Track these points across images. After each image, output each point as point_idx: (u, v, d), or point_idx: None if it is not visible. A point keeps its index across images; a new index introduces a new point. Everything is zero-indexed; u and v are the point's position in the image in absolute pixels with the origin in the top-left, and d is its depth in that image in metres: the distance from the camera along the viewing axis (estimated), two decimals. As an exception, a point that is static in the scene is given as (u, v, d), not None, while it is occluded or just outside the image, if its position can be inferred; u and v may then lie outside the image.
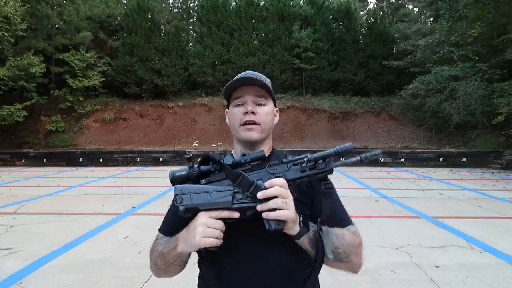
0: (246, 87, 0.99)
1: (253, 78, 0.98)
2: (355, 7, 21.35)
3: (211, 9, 19.14)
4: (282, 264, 0.94)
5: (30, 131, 17.20)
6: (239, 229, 0.90)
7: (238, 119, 1.00)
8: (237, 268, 0.92)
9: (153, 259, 0.98)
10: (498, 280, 3.30)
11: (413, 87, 16.33)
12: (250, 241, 0.93)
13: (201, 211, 0.84)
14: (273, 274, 0.93)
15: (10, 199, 7.16)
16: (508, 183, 9.58)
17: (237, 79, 0.99)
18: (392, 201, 6.85)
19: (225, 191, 0.84)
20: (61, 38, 17.82)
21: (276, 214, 0.79)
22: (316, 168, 0.86)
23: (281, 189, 0.80)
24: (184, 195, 0.84)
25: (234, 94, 1.01)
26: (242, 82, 0.99)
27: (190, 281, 1.27)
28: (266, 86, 0.99)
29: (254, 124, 0.99)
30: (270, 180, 0.82)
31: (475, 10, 14.90)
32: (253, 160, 0.87)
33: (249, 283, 0.92)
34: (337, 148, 0.84)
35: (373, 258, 3.79)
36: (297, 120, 17.95)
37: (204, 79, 18.73)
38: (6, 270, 3.56)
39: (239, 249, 0.93)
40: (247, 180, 0.83)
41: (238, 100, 1.01)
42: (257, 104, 1.00)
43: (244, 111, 0.99)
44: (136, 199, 7.10)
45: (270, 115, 1.02)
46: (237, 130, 1.01)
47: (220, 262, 0.93)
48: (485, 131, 15.28)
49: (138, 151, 15.15)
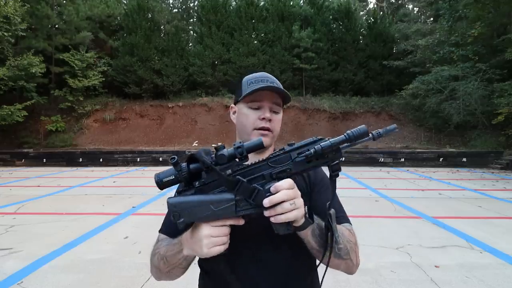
0: (267, 92, 0.99)
1: (277, 87, 0.98)
2: (355, 7, 21.35)
3: (211, 9, 19.13)
4: (284, 264, 0.94)
5: (30, 131, 17.20)
6: (241, 230, 0.90)
7: (252, 122, 0.99)
8: (239, 268, 0.92)
9: (155, 262, 0.95)
10: (498, 280, 3.30)
11: (413, 87, 16.33)
12: (253, 241, 0.93)
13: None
14: (275, 274, 0.93)
15: (10, 199, 7.16)
16: (508, 183, 9.58)
17: (264, 86, 0.97)
18: (392, 201, 6.85)
19: (227, 199, 0.75)
20: (61, 38, 17.81)
21: (285, 217, 0.74)
22: (324, 156, 0.77)
23: (289, 192, 0.74)
24: (181, 211, 0.76)
25: (252, 95, 0.99)
26: (266, 87, 0.98)
27: (190, 281, 1.27)
28: (285, 94, 0.99)
29: (268, 131, 0.99)
30: (276, 185, 0.74)
31: (475, 10, 14.91)
32: (249, 150, 0.78)
33: (251, 283, 0.92)
34: (348, 133, 0.76)
35: (373, 258, 3.79)
36: (297, 120, 17.96)
37: (204, 79, 18.73)
38: (6, 270, 3.56)
39: (241, 249, 0.93)
40: (247, 186, 0.75)
41: (256, 104, 1.00)
42: (272, 111, 1.01)
43: (262, 116, 0.98)
44: (136, 199, 7.10)
45: (281, 122, 1.05)
46: (248, 132, 1.00)
47: (222, 262, 0.93)
48: (485, 131, 15.28)
49: (138, 151, 15.15)
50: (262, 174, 0.78)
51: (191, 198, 0.77)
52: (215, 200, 0.76)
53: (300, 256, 0.96)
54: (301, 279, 0.97)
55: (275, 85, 0.98)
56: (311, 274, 1.02)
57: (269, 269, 0.93)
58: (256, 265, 0.93)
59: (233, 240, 0.87)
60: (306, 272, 0.99)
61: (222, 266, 0.87)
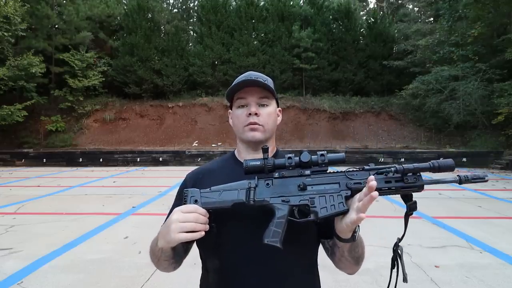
0: (249, 89, 0.99)
1: (255, 79, 0.98)
2: (355, 7, 21.34)
3: (211, 9, 19.14)
4: (286, 263, 0.94)
5: (30, 131, 17.20)
6: (243, 229, 0.92)
7: (242, 120, 1.00)
8: (241, 267, 0.93)
9: (149, 254, 1.00)
10: (498, 280, 3.29)
11: (413, 87, 16.33)
12: (255, 241, 0.93)
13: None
14: (276, 273, 0.94)
15: (10, 199, 7.16)
16: (508, 183, 9.58)
17: (240, 81, 0.99)
18: (392, 201, 6.84)
19: (237, 187, 0.85)
20: (61, 38, 17.82)
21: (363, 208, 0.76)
22: (403, 181, 0.77)
23: (375, 192, 0.74)
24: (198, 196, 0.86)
25: (237, 95, 1.02)
26: (245, 84, 0.99)
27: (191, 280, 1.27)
28: (268, 87, 0.99)
29: (257, 125, 0.99)
30: (370, 177, 0.76)
31: (475, 10, 14.90)
32: (331, 162, 0.84)
33: (253, 282, 0.93)
34: (433, 162, 0.75)
35: (373, 258, 3.78)
36: (297, 120, 17.95)
37: (204, 79, 18.74)
38: (6, 270, 3.56)
39: (243, 249, 0.93)
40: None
41: (242, 101, 1.01)
42: (260, 105, 1.00)
43: (247, 112, 0.99)
44: (136, 199, 7.10)
45: (272, 115, 1.02)
46: (241, 131, 1.01)
47: (224, 261, 0.93)
48: (485, 131, 15.28)
49: (138, 151, 15.16)
50: (338, 183, 0.82)
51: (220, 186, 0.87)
52: (227, 187, 0.84)
53: (302, 256, 0.97)
54: (302, 278, 0.98)
55: (252, 78, 0.99)
56: (313, 273, 1.03)
57: (270, 268, 0.93)
58: (257, 264, 0.93)
59: (236, 239, 0.88)
60: (307, 272, 1.00)
61: (223, 264, 0.87)
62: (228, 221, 0.91)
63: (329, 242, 0.97)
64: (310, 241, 0.98)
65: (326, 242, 0.99)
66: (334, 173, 0.84)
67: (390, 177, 0.77)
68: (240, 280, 0.90)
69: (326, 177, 0.83)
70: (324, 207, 0.80)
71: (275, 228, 0.80)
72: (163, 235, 0.84)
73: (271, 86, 1.01)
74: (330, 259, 1.00)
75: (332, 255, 0.96)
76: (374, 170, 0.80)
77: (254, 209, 0.88)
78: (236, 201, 0.84)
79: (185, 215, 0.81)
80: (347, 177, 0.81)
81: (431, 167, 0.75)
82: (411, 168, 0.75)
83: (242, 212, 0.90)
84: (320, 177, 0.84)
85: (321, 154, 0.83)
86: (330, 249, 0.97)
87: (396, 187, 0.77)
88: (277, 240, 0.79)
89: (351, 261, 0.91)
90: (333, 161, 0.84)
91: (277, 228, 0.80)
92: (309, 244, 0.99)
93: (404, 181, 0.76)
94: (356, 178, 0.81)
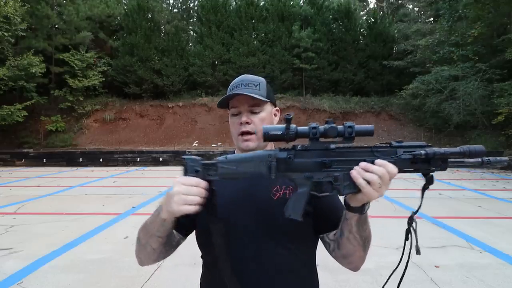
0: (239, 97, 1.00)
1: (243, 93, 0.98)
2: (355, 7, 21.34)
3: (211, 9, 19.13)
4: (285, 260, 0.95)
5: (30, 131, 17.20)
6: (242, 225, 0.93)
7: (236, 129, 1.03)
8: (239, 263, 0.93)
9: (138, 234, 0.97)
10: (498, 280, 3.30)
11: (413, 87, 16.32)
12: (256, 239, 0.95)
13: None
14: (275, 269, 0.95)
15: (10, 199, 7.16)
16: (508, 183, 9.58)
17: (230, 94, 1.00)
18: (392, 201, 6.84)
19: (258, 158, 0.81)
20: (61, 38, 17.81)
21: (367, 190, 0.75)
22: (430, 163, 0.76)
23: (385, 174, 0.74)
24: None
25: (230, 103, 1.04)
26: (234, 95, 1.00)
27: (190, 279, 1.27)
28: (255, 97, 0.99)
29: (249, 134, 1.00)
30: (382, 161, 0.75)
31: (475, 10, 14.90)
32: (359, 134, 0.78)
33: (251, 278, 0.93)
34: (464, 148, 0.74)
35: (373, 258, 3.78)
36: (297, 120, 17.94)
37: (204, 79, 18.73)
38: (6, 270, 3.56)
39: (241, 244, 0.94)
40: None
41: (234, 110, 1.03)
42: (252, 112, 1.01)
43: (239, 122, 1.01)
44: (136, 199, 7.10)
45: (266, 120, 1.02)
46: (236, 139, 1.04)
47: (222, 258, 0.93)
48: (485, 131, 15.27)
49: (138, 151, 15.15)
50: (364, 159, 0.78)
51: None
52: (246, 158, 0.81)
53: (301, 252, 0.98)
54: (301, 273, 0.98)
55: (242, 88, 0.99)
56: (311, 270, 1.04)
57: (269, 265, 0.94)
58: (256, 260, 0.94)
59: (237, 237, 0.88)
60: (306, 268, 1.01)
61: (221, 261, 0.88)
62: (225, 216, 0.90)
63: (328, 236, 0.98)
64: (308, 236, 0.99)
65: (325, 236, 0.99)
66: (360, 147, 0.80)
67: (418, 157, 0.76)
68: (239, 276, 0.90)
69: (352, 152, 0.80)
70: (347, 184, 0.78)
71: (295, 202, 0.80)
72: (166, 205, 0.83)
73: (263, 91, 1.01)
74: (332, 253, 0.97)
75: (339, 238, 0.91)
76: (401, 148, 0.78)
77: (252, 204, 0.88)
78: (256, 174, 0.81)
79: (188, 188, 0.79)
80: (374, 154, 0.79)
81: (460, 153, 0.74)
82: (441, 153, 0.74)
83: (239, 207, 0.90)
84: (346, 151, 0.80)
85: (349, 126, 0.77)
86: (331, 242, 0.96)
87: (421, 168, 0.77)
88: (298, 214, 0.79)
89: (359, 240, 0.88)
90: (361, 133, 0.79)
91: (298, 202, 0.80)
92: (307, 239, 1.00)
93: (430, 163, 0.76)
94: (383, 156, 0.78)
